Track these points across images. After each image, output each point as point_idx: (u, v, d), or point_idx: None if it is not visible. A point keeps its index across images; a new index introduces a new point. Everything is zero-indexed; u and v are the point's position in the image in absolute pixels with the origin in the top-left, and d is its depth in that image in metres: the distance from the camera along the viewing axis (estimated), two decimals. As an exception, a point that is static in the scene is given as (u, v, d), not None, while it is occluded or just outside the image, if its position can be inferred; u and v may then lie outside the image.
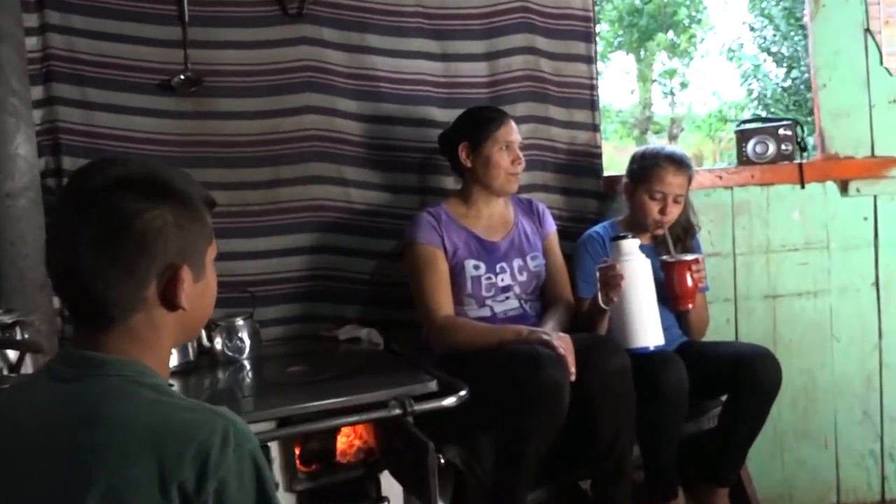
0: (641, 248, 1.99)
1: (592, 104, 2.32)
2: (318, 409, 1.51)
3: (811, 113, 2.44)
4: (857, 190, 2.41)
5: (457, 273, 1.94)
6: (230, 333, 1.94)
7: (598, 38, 2.31)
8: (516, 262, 2.00)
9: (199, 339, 1.92)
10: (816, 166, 2.41)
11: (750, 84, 6.58)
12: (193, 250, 0.91)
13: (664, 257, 1.92)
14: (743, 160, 2.39)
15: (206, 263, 0.94)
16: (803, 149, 2.38)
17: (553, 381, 1.62)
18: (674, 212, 2.01)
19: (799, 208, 2.41)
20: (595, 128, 2.33)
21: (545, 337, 1.71)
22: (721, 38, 10.39)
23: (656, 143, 2.59)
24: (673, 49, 12.92)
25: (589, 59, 2.32)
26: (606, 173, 2.38)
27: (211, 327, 1.94)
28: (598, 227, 2.15)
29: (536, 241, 2.07)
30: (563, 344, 1.69)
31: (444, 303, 1.90)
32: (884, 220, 2.43)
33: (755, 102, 6.96)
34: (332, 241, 2.20)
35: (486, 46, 2.26)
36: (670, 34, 12.70)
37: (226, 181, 2.13)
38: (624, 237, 1.83)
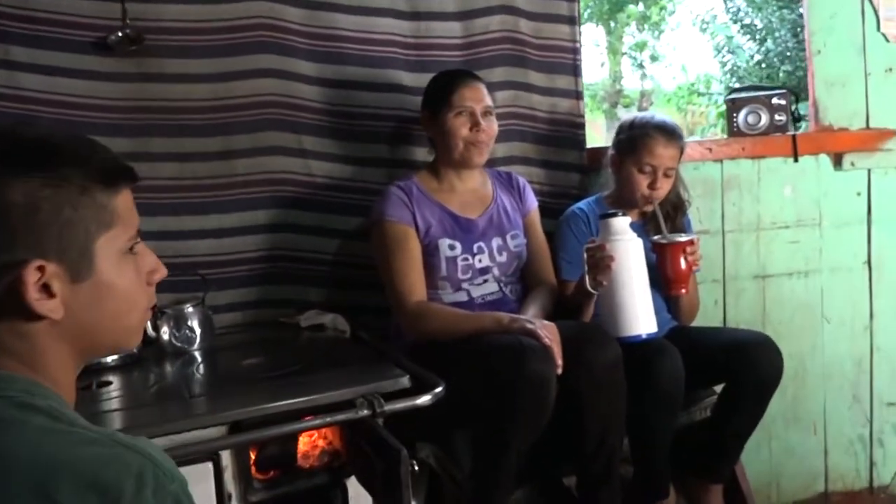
0: (630, 225, 1.84)
1: (575, 70, 2.14)
2: (277, 410, 1.33)
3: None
4: (852, 163, 2.29)
5: (430, 253, 1.77)
6: (178, 322, 1.74)
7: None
8: (495, 242, 1.82)
9: (144, 329, 1.72)
10: (810, 138, 2.28)
11: (723, 57, 6.45)
12: (70, 241, 0.71)
13: (656, 237, 1.77)
14: (733, 131, 2.25)
15: (100, 257, 0.74)
16: (797, 119, 2.23)
17: (538, 375, 1.46)
18: (664, 186, 1.85)
19: (791, 183, 2.28)
20: (578, 95, 2.15)
21: (528, 325, 1.54)
22: (693, 10, 10.26)
23: (644, 113, 2.38)
24: (643, 21, 12.79)
25: (571, 20, 2.13)
26: (588, 146, 2.21)
27: (157, 315, 1.74)
28: (581, 204, 1.98)
29: (517, 218, 1.90)
30: (549, 333, 1.53)
31: (415, 286, 1.72)
32: (877, 195, 2.31)
33: (728, 76, 6.85)
34: (291, 218, 2.00)
35: (460, 4, 2.06)
36: (640, 6, 12.56)
37: (172, 152, 1.91)
38: (614, 214, 1.67)
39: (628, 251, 1.64)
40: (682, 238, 1.71)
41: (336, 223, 2.02)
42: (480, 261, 1.79)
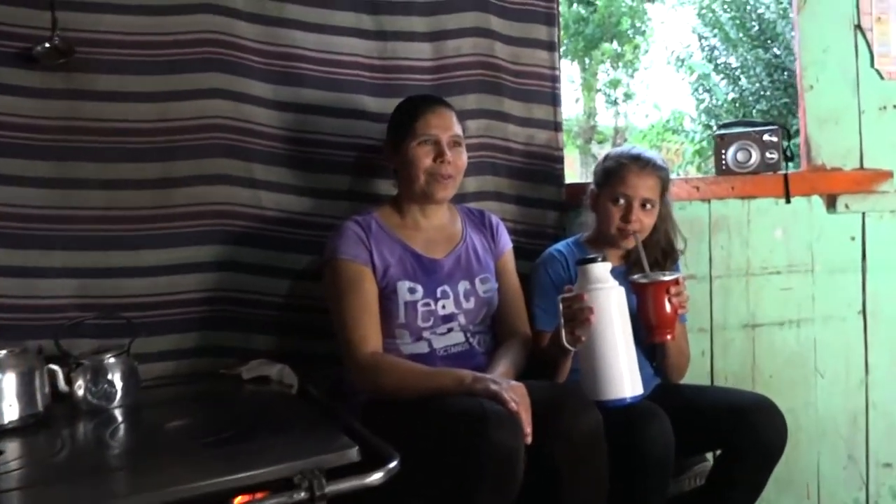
0: (612, 270, 1.66)
1: (554, 99, 1.98)
2: (197, 492, 1.11)
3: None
4: (846, 206, 2.14)
5: (387, 297, 1.57)
6: (96, 374, 1.51)
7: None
8: (462, 286, 1.63)
9: (55, 382, 1.49)
10: (802, 178, 2.13)
11: (699, 94, 6.41)
12: None
13: (635, 277, 1.59)
14: (722, 169, 2.09)
15: None
16: (789, 158, 2.09)
17: (503, 447, 1.26)
18: (642, 220, 1.68)
19: (783, 226, 2.13)
20: (557, 126, 1.99)
21: (493, 387, 1.35)
22: (668, 48, 10.34)
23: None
24: (617, 59, 12.90)
25: (551, 46, 1.97)
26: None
27: (71, 366, 1.51)
28: (560, 245, 1.81)
29: (488, 260, 1.71)
30: (517, 396, 1.34)
31: (369, 335, 1.52)
32: (872, 240, 2.17)
33: (703, 114, 6.82)
34: (236, 256, 1.79)
35: (430, 24, 1.89)
36: (615, 44, 12.68)
37: (104, 179, 1.70)
38: (593, 260, 1.49)
39: (610, 301, 1.45)
40: (666, 277, 1.53)
41: (288, 262, 1.81)
42: (444, 307, 1.59)
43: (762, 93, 5.81)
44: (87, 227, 1.69)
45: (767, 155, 2.05)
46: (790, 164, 2.11)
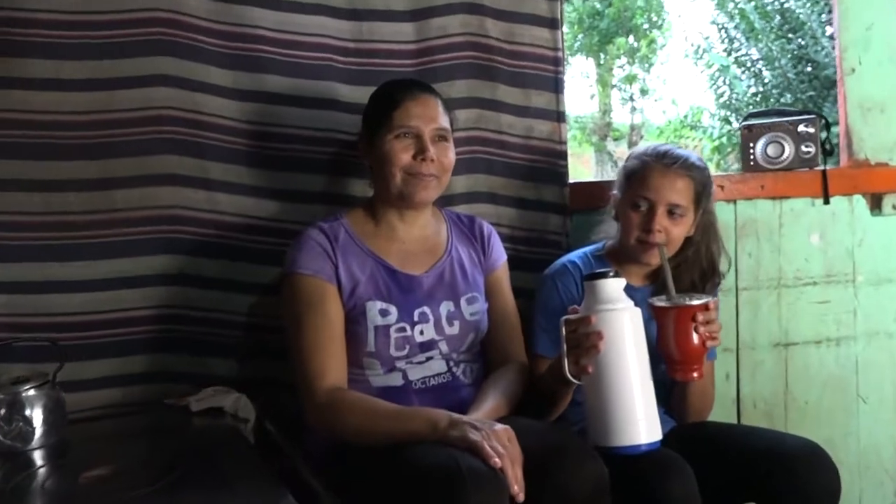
0: (635, 291, 1.41)
1: (556, 84, 1.72)
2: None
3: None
4: (893, 207, 1.87)
5: (354, 320, 1.32)
6: (11, 409, 1.27)
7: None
8: (445, 307, 1.38)
9: (-40, 421, 1.26)
10: (843, 175, 1.87)
11: (718, 88, 6.11)
12: None
13: (654, 299, 1.33)
14: (750, 165, 1.83)
15: None
16: (828, 152, 1.82)
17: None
18: (668, 230, 1.42)
19: (820, 230, 1.86)
20: (560, 117, 1.73)
21: (472, 436, 1.10)
22: (686, 40, 10.02)
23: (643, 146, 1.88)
24: (633, 54, 12.60)
25: (553, 23, 1.71)
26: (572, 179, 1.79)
27: (-19, 400, 1.28)
28: (574, 256, 1.55)
29: (477, 276, 1.46)
30: (503, 445, 1.09)
31: (330, 366, 1.28)
32: (923, 246, 1.90)
33: (723, 109, 6.52)
34: (188, 268, 1.56)
35: (411, 1, 1.64)
36: (631, 39, 12.39)
37: (33, 179, 1.48)
38: (603, 274, 1.23)
39: (622, 325, 1.20)
40: (694, 301, 1.27)
41: (249, 274, 1.58)
42: (423, 332, 1.35)
43: (786, 85, 5.51)
44: (14, 234, 1.47)
45: (803, 148, 1.78)
46: (828, 160, 1.85)
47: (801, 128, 1.78)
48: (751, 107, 6.00)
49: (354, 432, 1.21)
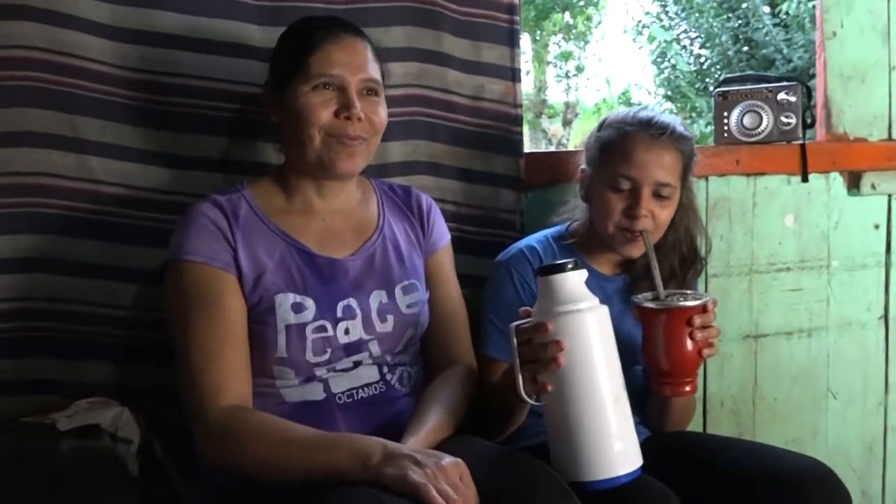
0: (606, 282, 1.18)
1: (511, 37, 1.47)
2: None
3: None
4: (872, 186, 1.71)
5: (259, 319, 1.05)
6: None
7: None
8: (376, 299, 1.12)
9: None
10: (819, 150, 1.69)
11: (661, 64, 5.98)
12: None
13: (641, 297, 1.10)
14: (723, 137, 1.63)
15: None
16: (808, 125, 1.64)
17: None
18: (655, 214, 1.19)
19: (795, 210, 1.69)
20: (514, 75, 1.47)
21: (413, 477, 0.85)
22: (627, 14, 9.92)
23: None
24: (569, 31, 12.51)
25: (507, -37, 1.46)
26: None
27: None
28: (533, 240, 1.31)
29: (415, 259, 1.20)
30: (453, 487, 0.85)
31: (226, 380, 1.00)
32: (900, 229, 1.75)
33: (664, 84, 6.40)
34: (57, 250, 1.25)
35: (339, -75, 1.36)
36: (567, 16, 12.28)
37: None
38: (559, 268, 0.99)
39: (588, 331, 0.97)
40: (689, 302, 1.05)
41: (131, 258, 1.27)
42: (348, 331, 1.08)
43: (726, 63, 5.42)
44: None
45: (783, 119, 1.59)
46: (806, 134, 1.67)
47: (781, 96, 1.59)
48: (691, 85, 5.90)
49: (260, 466, 0.94)
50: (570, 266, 0.99)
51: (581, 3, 12.21)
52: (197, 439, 1.00)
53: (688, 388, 1.06)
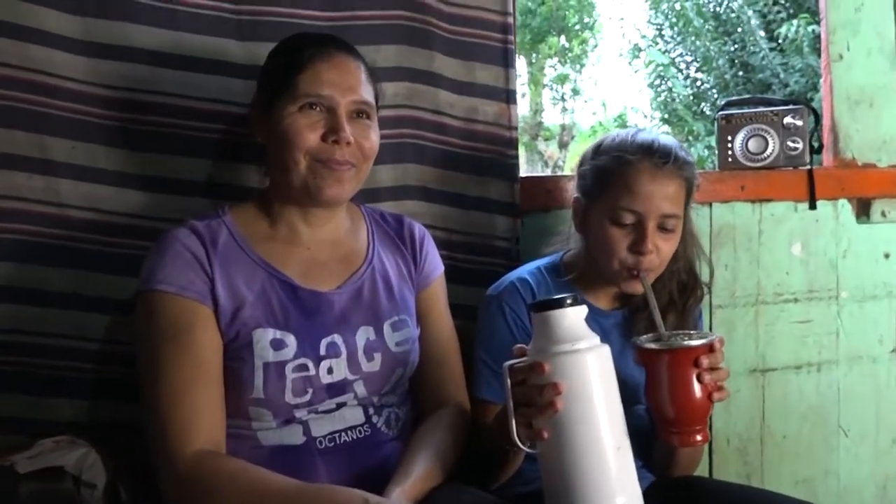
0: (604, 318, 1.11)
1: (506, 57, 1.40)
2: None
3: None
4: (883, 214, 1.64)
5: (237, 355, 0.97)
6: None
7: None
8: (363, 335, 1.04)
9: None
10: (827, 176, 1.62)
11: (658, 87, 5.97)
12: None
13: (642, 339, 1.01)
14: (727, 162, 1.56)
15: None
16: (816, 150, 1.57)
17: None
18: (660, 248, 1.12)
19: (802, 238, 1.62)
20: (509, 96, 1.41)
21: None
22: (623, 37, 9.94)
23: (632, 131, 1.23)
24: (565, 54, 12.58)
25: (503, -20, 1.40)
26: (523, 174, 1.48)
27: None
28: (524, 271, 1.23)
29: (406, 293, 1.12)
30: None
31: (199, 422, 0.93)
32: (911, 258, 1.68)
33: (659, 111, 6.40)
34: (23, 279, 1.17)
35: (326, -61, 1.30)
36: (562, 39, 12.36)
37: None
38: (557, 303, 0.91)
39: (588, 373, 0.89)
40: (694, 341, 0.98)
41: (104, 288, 1.20)
42: (331, 370, 1.00)
43: (723, 86, 5.40)
44: None
45: (789, 144, 1.53)
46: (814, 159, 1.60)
47: (787, 119, 1.52)
48: (687, 108, 5.89)
49: (226, 522, 0.86)
50: (568, 301, 0.91)
51: (577, 27, 12.30)
52: (162, 487, 0.92)
53: (699, 437, 0.98)
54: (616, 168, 1.13)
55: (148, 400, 0.95)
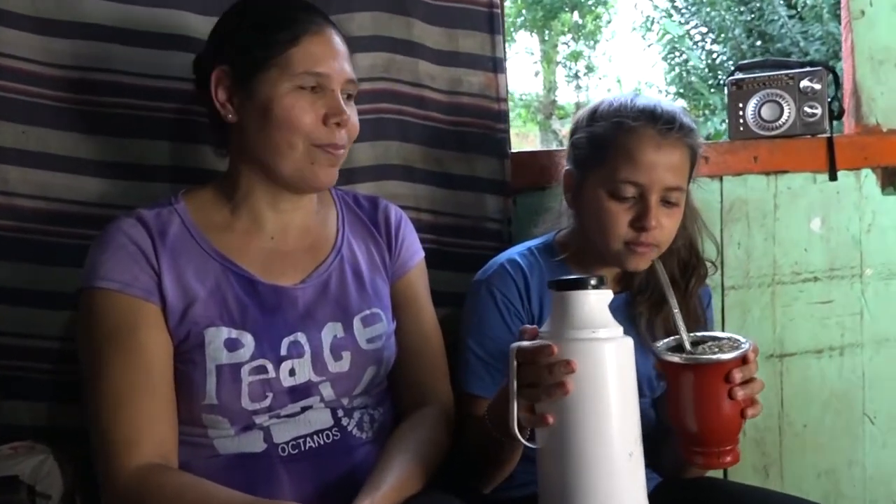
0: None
1: (491, 22, 1.29)
2: None
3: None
4: (910, 184, 1.52)
5: (187, 356, 0.89)
6: None
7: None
8: (330, 332, 0.95)
9: None
10: (849, 144, 1.50)
11: (672, 59, 5.78)
12: None
13: (661, 346, 0.89)
14: (738, 131, 1.44)
15: None
16: (836, 116, 1.45)
17: None
18: (664, 223, 1.01)
19: (822, 213, 1.49)
20: (496, 65, 1.29)
21: None
22: (636, 8, 9.73)
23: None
24: (578, 31, 12.36)
25: (486, -63, 1.28)
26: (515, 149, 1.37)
27: None
28: (514, 252, 1.13)
29: (379, 284, 1.02)
30: None
31: (145, 431, 0.84)
32: (942, 231, 1.55)
33: (674, 84, 6.21)
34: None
35: None
36: (575, 15, 12.14)
37: None
38: (581, 282, 0.81)
39: (605, 365, 0.79)
40: (726, 355, 0.84)
41: (58, 282, 1.11)
42: (293, 372, 0.91)
43: (740, 57, 5.22)
44: None
45: (806, 109, 1.40)
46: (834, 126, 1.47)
47: (803, 83, 1.39)
48: (703, 81, 5.70)
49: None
50: (592, 283, 0.81)
51: (590, 2, 12.06)
52: (103, 501, 0.83)
53: (728, 459, 0.86)
54: (615, 135, 1.02)
55: (90, 408, 0.86)
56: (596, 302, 0.81)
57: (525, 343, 0.81)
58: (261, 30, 0.92)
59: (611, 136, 1.02)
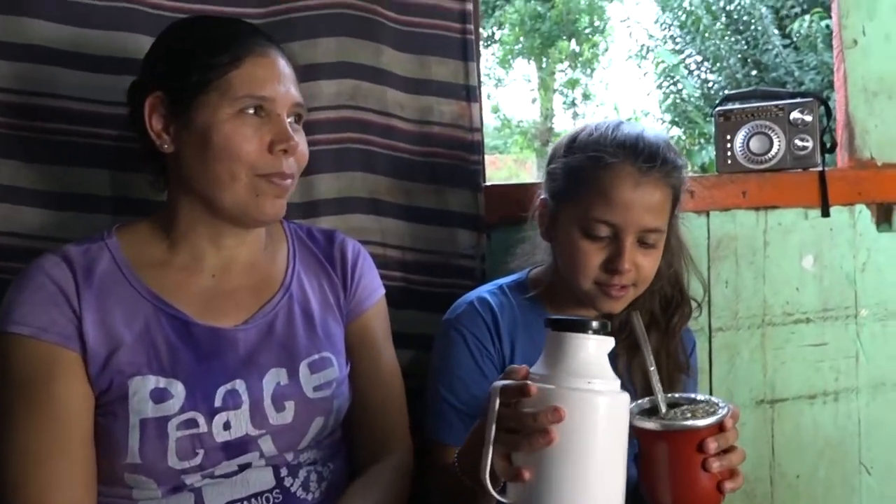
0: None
1: (464, 49, 1.22)
2: None
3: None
4: (907, 221, 1.45)
5: (108, 409, 0.80)
6: None
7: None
8: (272, 379, 0.87)
9: None
10: (842, 178, 1.43)
11: (667, 89, 5.76)
12: None
13: (633, 408, 0.80)
14: (726, 164, 1.38)
15: None
16: (828, 149, 1.38)
17: None
18: (642, 264, 0.94)
19: (815, 250, 1.42)
20: (469, 93, 1.23)
21: None
22: (631, 37, 9.75)
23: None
24: (575, 58, 12.43)
25: (458, -38, 1.22)
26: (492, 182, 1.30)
27: None
28: (484, 291, 1.06)
29: (332, 325, 0.94)
30: None
31: (52, 496, 0.76)
32: (940, 271, 1.48)
33: (668, 112, 6.19)
34: None
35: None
36: (573, 43, 12.22)
37: None
38: (581, 325, 0.72)
39: (595, 420, 0.70)
40: (700, 421, 0.77)
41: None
42: (228, 425, 0.82)
43: (735, 86, 5.20)
44: None
45: (796, 142, 1.34)
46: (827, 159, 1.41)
47: (794, 114, 1.33)
48: (698, 110, 5.68)
49: None
50: (594, 326, 0.72)
51: (587, 31, 12.13)
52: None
53: None
54: (592, 170, 0.95)
55: None
56: (595, 349, 0.72)
57: (510, 382, 0.73)
58: (199, 52, 0.86)
59: (587, 171, 0.95)
